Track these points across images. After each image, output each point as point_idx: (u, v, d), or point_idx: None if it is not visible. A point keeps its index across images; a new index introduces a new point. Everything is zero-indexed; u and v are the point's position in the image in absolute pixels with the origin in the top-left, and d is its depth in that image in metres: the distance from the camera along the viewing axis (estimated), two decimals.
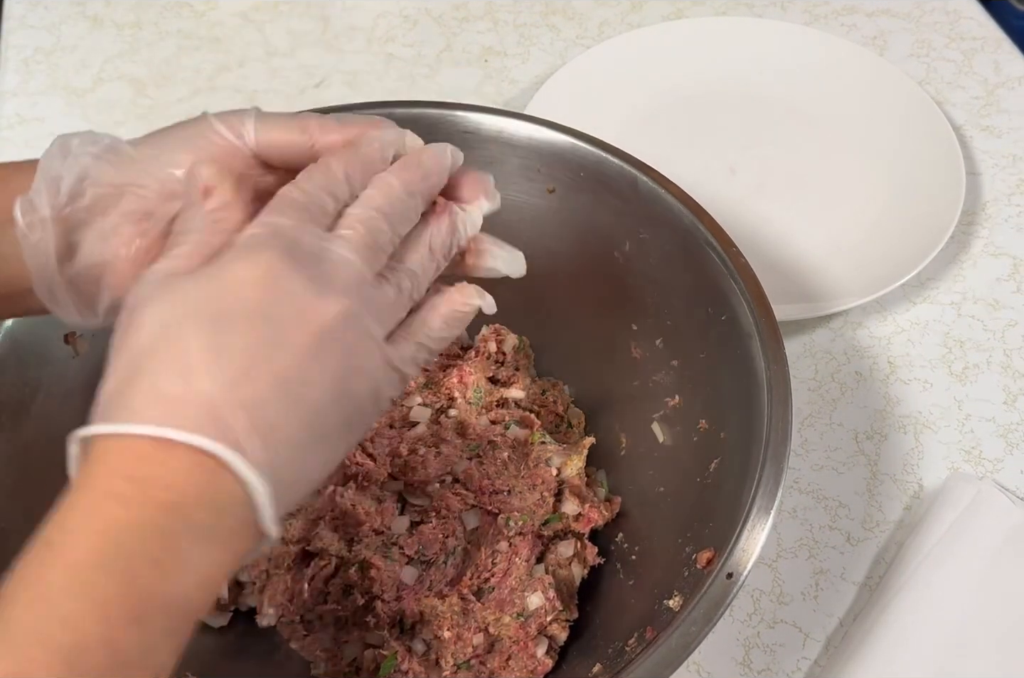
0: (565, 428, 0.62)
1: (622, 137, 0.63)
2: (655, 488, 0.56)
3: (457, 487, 0.56)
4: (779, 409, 0.47)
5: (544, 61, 0.91)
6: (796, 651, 0.58)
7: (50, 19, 0.94)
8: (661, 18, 0.94)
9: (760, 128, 0.85)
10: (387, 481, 0.56)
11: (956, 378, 0.70)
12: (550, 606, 0.52)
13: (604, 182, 0.57)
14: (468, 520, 0.55)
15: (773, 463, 0.45)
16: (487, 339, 0.63)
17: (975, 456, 0.66)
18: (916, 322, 0.73)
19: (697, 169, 0.81)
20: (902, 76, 0.84)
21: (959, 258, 0.76)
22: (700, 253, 0.53)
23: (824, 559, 0.61)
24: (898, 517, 0.63)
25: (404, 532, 0.55)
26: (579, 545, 0.56)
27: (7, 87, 0.88)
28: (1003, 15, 1.00)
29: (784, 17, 0.94)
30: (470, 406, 0.59)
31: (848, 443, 0.67)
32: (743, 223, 0.77)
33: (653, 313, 0.58)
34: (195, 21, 0.95)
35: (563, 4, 0.97)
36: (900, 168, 0.80)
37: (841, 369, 0.70)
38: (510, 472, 0.56)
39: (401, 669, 0.51)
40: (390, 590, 0.53)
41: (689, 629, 0.42)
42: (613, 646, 0.48)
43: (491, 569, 0.54)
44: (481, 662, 0.52)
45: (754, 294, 0.50)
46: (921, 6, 0.95)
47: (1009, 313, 0.73)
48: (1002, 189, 0.80)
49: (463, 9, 0.96)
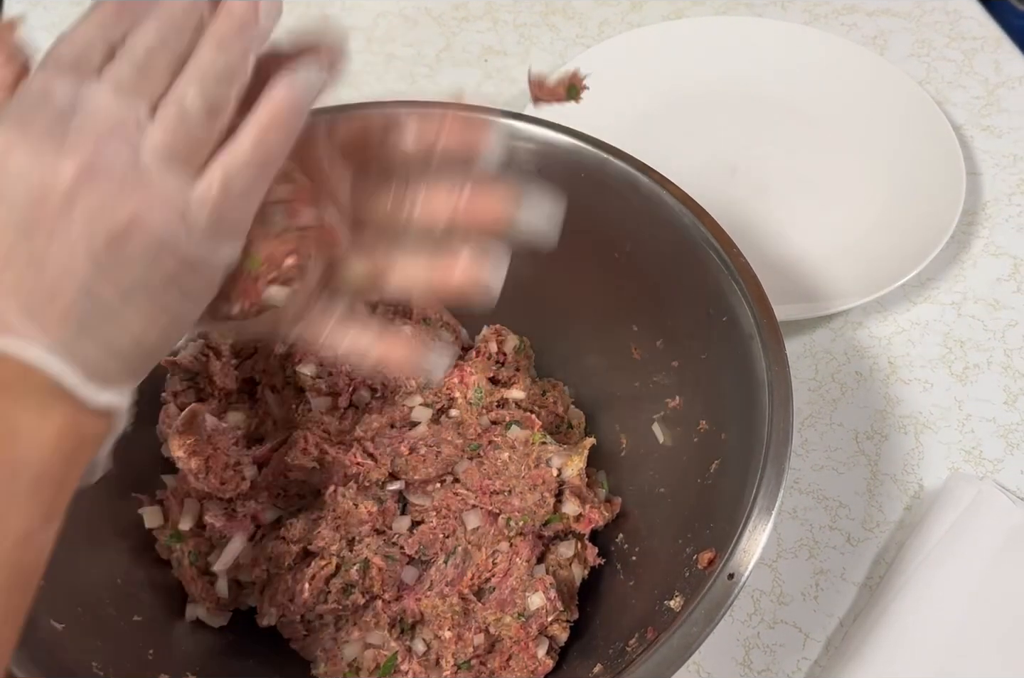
0: (565, 429, 0.62)
1: (622, 137, 0.63)
2: (656, 489, 0.56)
3: (458, 487, 0.56)
4: (780, 410, 0.47)
5: (544, 61, 0.91)
6: (796, 651, 0.58)
7: (50, 19, 0.94)
8: (661, 18, 0.94)
9: (760, 128, 0.85)
10: (387, 480, 0.56)
11: (956, 378, 0.70)
12: (551, 606, 0.52)
13: (605, 183, 0.57)
14: (469, 520, 0.55)
15: (774, 464, 0.45)
16: (488, 339, 0.63)
17: (975, 456, 0.66)
18: (916, 322, 0.73)
19: (697, 169, 0.81)
20: (902, 76, 0.84)
21: (959, 258, 0.76)
22: (701, 253, 0.53)
23: (824, 559, 0.61)
24: (898, 517, 0.63)
25: (405, 532, 0.55)
26: (579, 545, 0.56)
27: None
28: (1003, 15, 1.00)
29: (784, 17, 0.94)
30: (471, 406, 0.59)
31: (848, 443, 0.67)
32: (743, 223, 0.77)
33: (654, 314, 0.58)
34: None
35: (563, 4, 0.97)
36: (900, 168, 0.80)
37: (841, 369, 0.70)
38: (511, 472, 0.56)
39: (401, 669, 0.51)
40: (391, 590, 0.53)
41: (690, 630, 0.42)
42: (614, 647, 0.48)
43: (492, 569, 0.54)
44: (481, 662, 0.52)
45: (755, 295, 0.50)
46: (921, 6, 0.95)
47: (1009, 313, 0.73)
48: (1002, 189, 0.80)
49: (463, 9, 0.96)
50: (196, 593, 0.54)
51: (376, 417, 0.58)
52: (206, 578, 0.55)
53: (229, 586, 0.55)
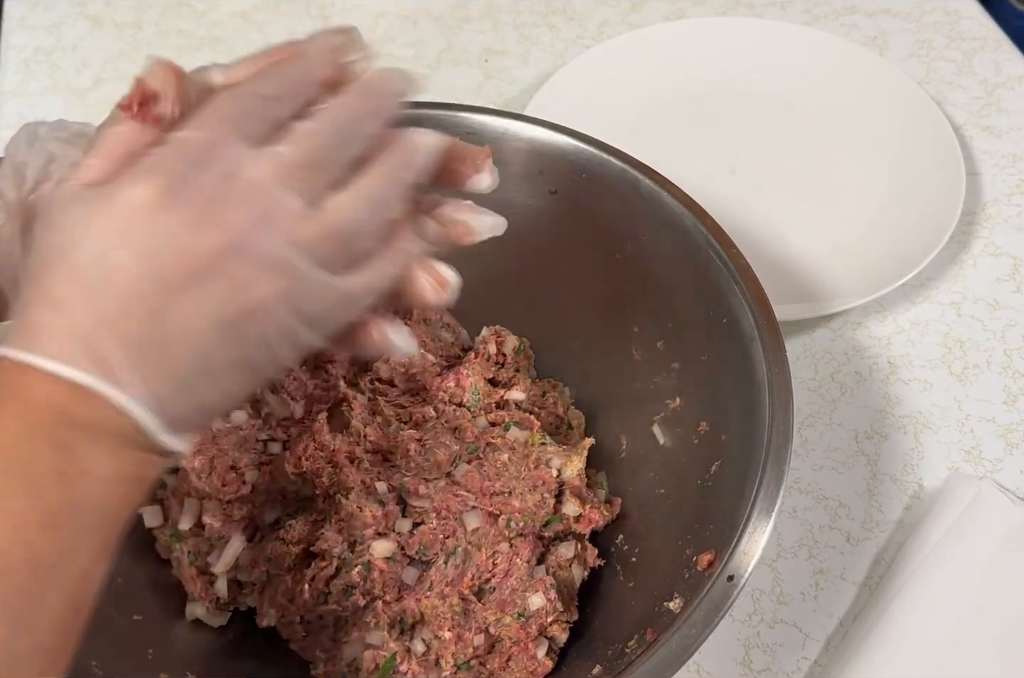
0: (565, 429, 0.62)
1: (622, 137, 0.63)
2: (656, 490, 0.56)
3: (457, 488, 0.56)
4: (780, 412, 0.47)
5: (544, 61, 0.91)
6: (796, 651, 0.58)
7: (50, 19, 0.94)
8: (661, 18, 0.94)
9: (760, 128, 0.85)
10: (381, 468, 0.56)
11: (956, 378, 0.70)
12: (551, 607, 0.52)
13: (606, 184, 0.57)
14: (469, 521, 0.55)
15: (774, 466, 0.45)
16: (487, 341, 0.63)
17: (975, 456, 0.66)
18: (916, 322, 0.73)
19: (697, 169, 0.81)
20: (902, 76, 0.84)
21: (959, 258, 0.76)
22: (701, 254, 0.53)
23: (824, 559, 0.62)
24: (898, 517, 0.63)
25: (405, 533, 0.55)
26: (579, 546, 0.56)
27: (7, 87, 0.88)
28: (1003, 15, 1.00)
29: (784, 17, 0.94)
30: (464, 409, 0.60)
31: (848, 443, 0.67)
32: (743, 223, 0.77)
33: (654, 315, 0.58)
34: (195, 21, 0.95)
35: (563, 4, 0.97)
36: (900, 168, 0.80)
37: (841, 369, 0.70)
38: (510, 473, 0.56)
39: (400, 670, 0.51)
40: (392, 591, 0.53)
41: (689, 631, 0.42)
42: (613, 648, 0.48)
43: (492, 570, 0.54)
44: (481, 663, 0.52)
45: (755, 296, 0.51)
46: (921, 6, 0.95)
47: (1009, 313, 0.73)
48: (1002, 189, 0.80)
49: (463, 9, 0.96)
50: (196, 593, 0.54)
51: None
52: (206, 578, 0.55)
53: (229, 586, 0.55)
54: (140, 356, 0.31)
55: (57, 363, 0.30)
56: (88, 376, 0.30)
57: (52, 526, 0.30)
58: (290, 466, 0.55)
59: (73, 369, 0.30)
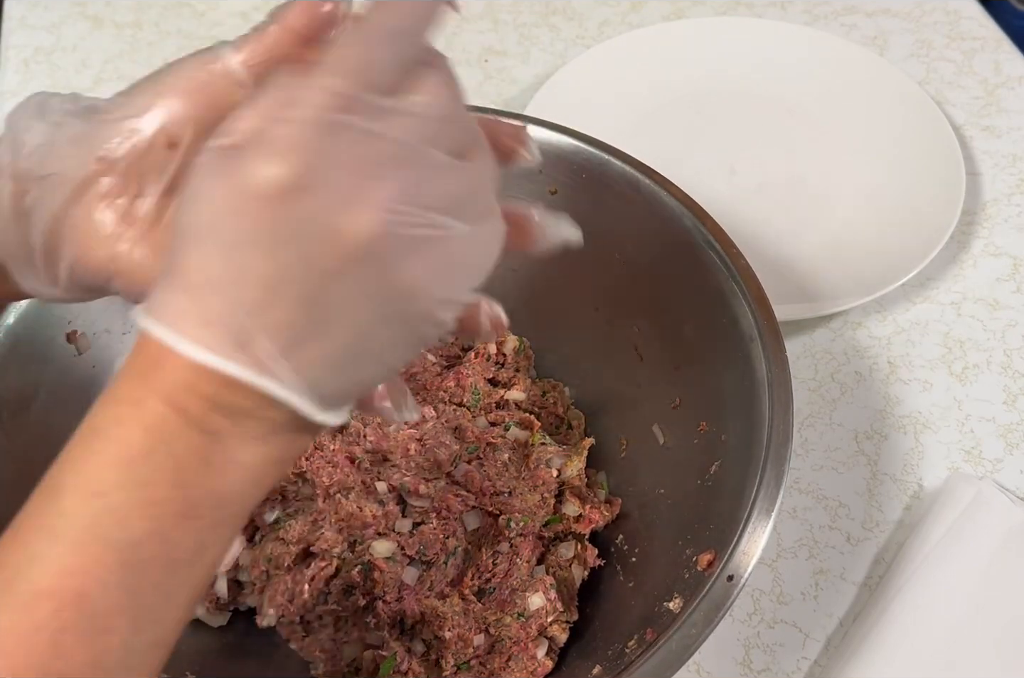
0: (565, 429, 0.62)
1: (622, 137, 0.63)
2: (655, 490, 0.56)
3: (457, 488, 0.56)
4: (780, 412, 0.47)
5: (544, 61, 0.91)
6: (796, 651, 0.58)
7: (50, 19, 0.94)
8: (661, 18, 0.94)
9: (760, 128, 0.85)
10: (381, 468, 0.56)
11: (956, 378, 0.70)
12: (551, 607, 0.52)
13: (606, 184, 0.57)
14: (469, 521, 0.55)
15: (774, 466, 0.45)
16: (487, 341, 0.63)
17: (975, 456, 0.66)
18: (916, 322, 0.73)
19: (697, 169, 0.81)
20: (902, 76, 0.84)
21: (959, 258, 0.76)
22: (701, 255, 0.53)
23: (824, 559, 0.61)
24: (898, 517, 0.63)
25: (405, 533, 0.55)
26: (579, 546, 0.56)
27: (7, 87, 0.88)
28: (1003, 15, 1.00)
29: (784, 17, 0.94)
30: (464, 409, 0.59)
31: (848, 443, 0.67)
32: (743, 223, 0.77)
33: (654, 315, 0.58)
34: (195, 21, 0.95)
35: (563, 4, 0.97)
36: (900, 168, 0.80)
37: (841, 369, 0.70)
38: (511, 473, 0.56)
39: (400, 670, 0.51)
40: (392, 591, 0.53)
41: (689, 631, 0.42)
42: (613, 648, 0.48)
43: (492, 570, 0.54)
44: (481, 663, 0.52)
45: (755, 296, 0.51)
46: (921, 6, 0.95)
47: (1009, 313, 0.73)
48: (1002, 189, 0.80)
49: (463, 9, 0.96)
50: None
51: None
52: None
53: (228, 586, 0.55)
54: (292, 344, 0.28)
55: (207, 352, 0.28)
56: (238, 366, 0.28)
57: (192, 518, 0.28)
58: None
59: (224, 360, 0.28)
